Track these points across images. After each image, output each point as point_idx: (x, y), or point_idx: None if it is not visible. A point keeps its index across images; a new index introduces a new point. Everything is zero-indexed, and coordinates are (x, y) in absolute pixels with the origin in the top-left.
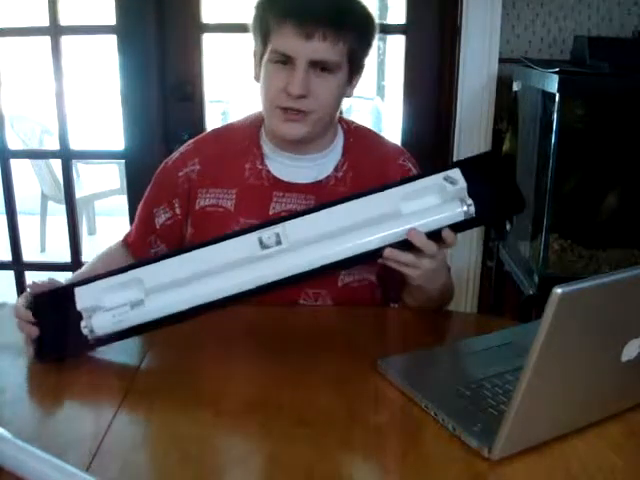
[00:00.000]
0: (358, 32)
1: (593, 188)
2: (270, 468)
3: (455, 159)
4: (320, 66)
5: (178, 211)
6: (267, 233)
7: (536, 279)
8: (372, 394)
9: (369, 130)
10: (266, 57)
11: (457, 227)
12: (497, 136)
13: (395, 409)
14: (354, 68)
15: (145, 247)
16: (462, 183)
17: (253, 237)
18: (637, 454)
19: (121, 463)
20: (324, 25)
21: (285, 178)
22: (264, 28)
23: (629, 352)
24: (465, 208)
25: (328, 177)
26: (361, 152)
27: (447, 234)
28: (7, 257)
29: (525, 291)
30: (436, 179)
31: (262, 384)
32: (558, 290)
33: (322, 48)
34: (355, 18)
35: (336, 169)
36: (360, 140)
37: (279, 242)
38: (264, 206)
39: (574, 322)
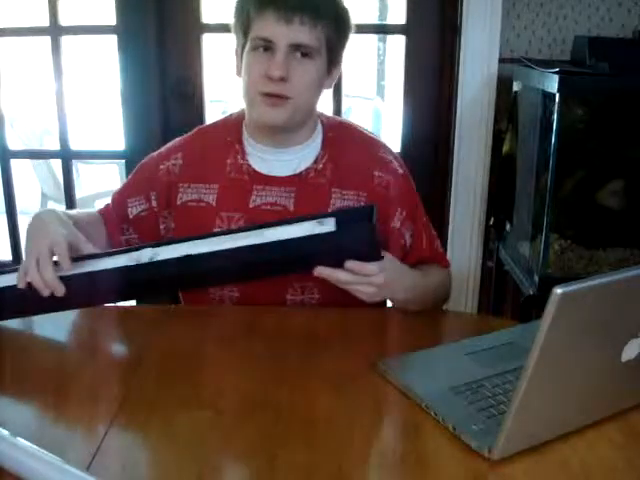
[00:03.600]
0: (334, 20)
1: (593, 188)
2: (270, 468)
3: (455, 159)
4: (299, 50)
5: (154, 204)
6: (145, 252)
7: (536, 279)
8: (372, 394)
9: (349, 124)
10: (247, 47)
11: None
12: (497, 136)
13: (395, 409)
14: (332, 57)
15: (118, 232)
16: (331, 227)
17: (133, 255)
18: (637, 454)
19: (121, 463)
20: (302, 11)
21: (265, 171)
22: (245, 19)
23: (629, 352)
24: (323, 226)
25: (308, 169)
26: (341, 145)
27: (351, 265)
28: (7, 257)
29: (525, 291)
30: (310, 222)
31: (262, 384)
32: (558, 290)
33: (301, 32)
34: (331, 7)
35: (315, 161)
36: (340, 133)
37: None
38: (244, 200)
39: (574, 322)
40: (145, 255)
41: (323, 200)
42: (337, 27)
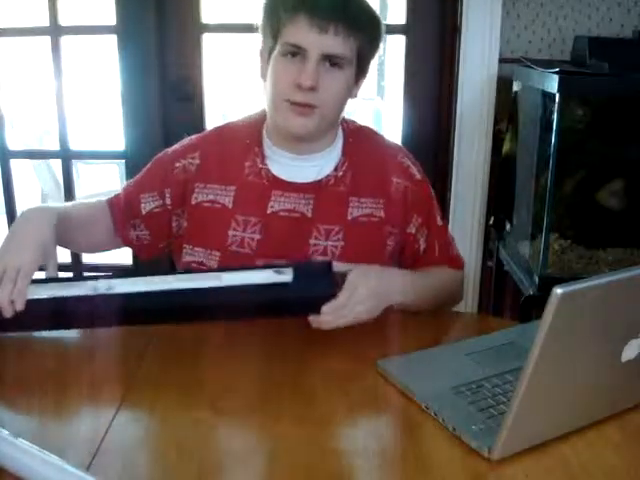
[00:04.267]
0: (369, 31)
1: (593, 188)
2: (270, 468)
3: (455, 159)
4: (331, 61)
5: (168, 201)
6: (102, 283)
7: (536, 279)
8: (372, 394)
9: (369, 129)
10: (276, 51)
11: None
12: (497, 136)
13: (395, 409)
14: (361, 68)
15: (127, 228)
16: (288, 277)
17: (88, 284)
18: (637, 454)
19: (121, 463)
20: (337, 20)
21: (285, 177)
22: (275, 22)
23: (629, 352)
24: (280, 275)
25: (328, 177)
26: (361, 152)
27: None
28: None
29: (525, 291)
30: (269, 271)
31: (262, 384)
32: (558, 290)
33: (335, 42)
34: (366, 17)
35: (336, 169)
36: (360, 140)
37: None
38: (262, 204)
39: (574, 322)
40: (101, 286)
41: (341, 209)
42: (371, 38)
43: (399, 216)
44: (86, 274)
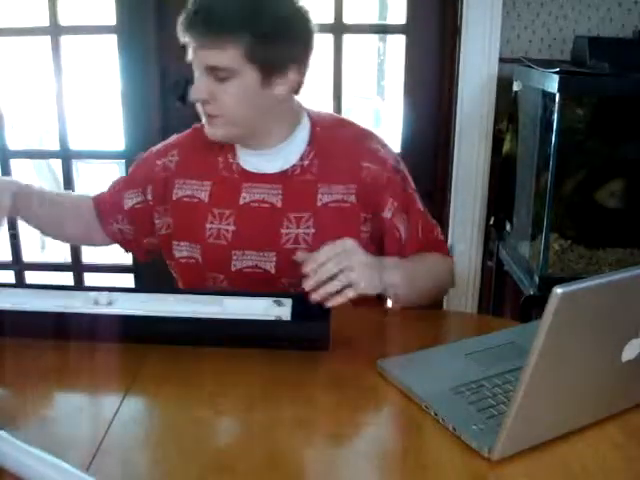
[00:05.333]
0: (254, 34)
1: (593, 188)
2: (270, 468)
3: (455, 159)
4: (216, 72)
5: (150, 197)
6: (103, 296)
7: (536, 279)
8: (372, 394)
9: (339, 118)
10: None
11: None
12: (497, 136)
13: (395, 409)
14: (269, 69)
15: (112, 222)
16: (287, 310)
17: (90, 295)
18: (637, 454)
19: (121, 463)
20: (208, 34)
21: (252, 170)
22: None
23: (629, 352)
24: (279, 307)
25: (294, 166)
26: (329, 140)
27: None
28: (7, 257)
29: (525, 291)
30: (268, 300)
31: (262, 384)
32: (558, 290)
33: (211, 55)
34: (248, 23)
35: (302, 158)
36: (328, 128)
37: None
38: (234, 197)
39: (574, 322)
40: (102, 299)
41: (310, 197)
42: (262, 39)
43: (372, 201)
44: (85, 274)
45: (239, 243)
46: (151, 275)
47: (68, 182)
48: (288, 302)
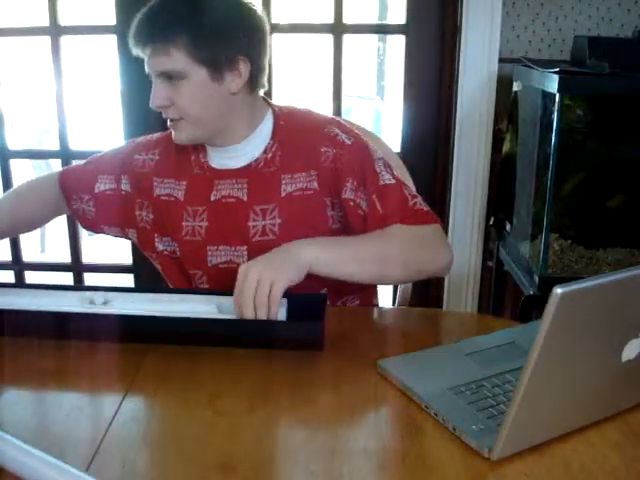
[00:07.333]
0: (191, 34)
1: (593, 188)
2: (270, 468)
3: (455, 159)
4: (168, 77)
5: (123, 187)
6: (98, 295)
7: (536, 279)
8: (372, 394)
9: (303, 110)
10: None
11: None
12: (497, 136)
13: (395, 409)
14: (214, 64)
15: (76, 199)
16: (282, 310)
17: (86, 295)
18: (637, 454)
19: (121, 463)
20: (152, 41)
21: (220, 167)
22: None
23: (629, 352)
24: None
25: (257, 160)
26: (291, 131)
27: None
28: (7, 257)
29: (525, 291)
30: None
31: (262, 384)
32: (558, 290)
33: (160, 61)
34: (184, 24)
35: (265, 151)
36: (291, 120)
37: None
38: (206, 194)
39: (574, 322)
40: (98, 299)
41: (274, 188)
42: (201, 39)
43: (332, 184)
44: (85, 274)
45: (213, 239)
46: (151, 275)
47: None
48: (284, 302)
